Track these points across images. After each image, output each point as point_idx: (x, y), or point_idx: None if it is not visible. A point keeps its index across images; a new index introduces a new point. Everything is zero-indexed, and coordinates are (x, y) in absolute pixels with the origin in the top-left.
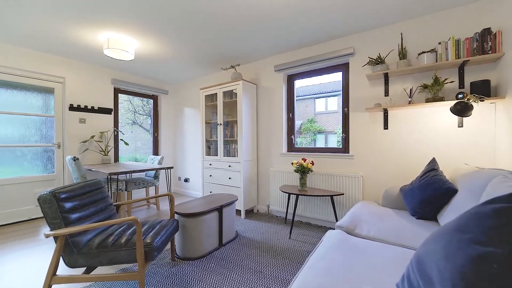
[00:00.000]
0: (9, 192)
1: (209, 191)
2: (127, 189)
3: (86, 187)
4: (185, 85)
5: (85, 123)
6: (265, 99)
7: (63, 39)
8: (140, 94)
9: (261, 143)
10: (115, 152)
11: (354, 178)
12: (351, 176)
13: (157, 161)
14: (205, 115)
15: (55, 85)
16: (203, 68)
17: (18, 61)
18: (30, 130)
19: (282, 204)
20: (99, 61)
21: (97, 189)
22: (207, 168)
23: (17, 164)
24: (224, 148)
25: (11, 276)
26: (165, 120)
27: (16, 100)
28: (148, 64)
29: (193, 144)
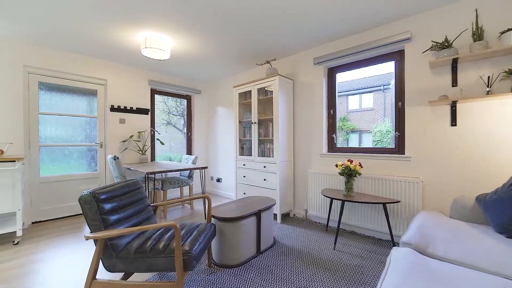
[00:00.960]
0: (58, 188)
1: (243, 192)
2: (163, 188)
3: (125, 188)
4: (218, 84)
5: (125, 123)
6: (303, 95)
7: (104, 41)
8: (174, 94)
9: (298, 142)
10: (152, 152)
11: (412, 183)
12: (408, 180)
13: (191, 160)
14: (239, 114)
15: (97, 87)
16: (236, 66)
17: (67, 66)
18: (76, 130)
19: (322, 209)
20: (137, 63)
21: (136, 189)
22: (241, 168)
23: (65, 162)
24: (259, 148)
25: (55, 275)
26: (198, 119)
27: (64, 102)
28: (182, 63)
29: (226, 144)
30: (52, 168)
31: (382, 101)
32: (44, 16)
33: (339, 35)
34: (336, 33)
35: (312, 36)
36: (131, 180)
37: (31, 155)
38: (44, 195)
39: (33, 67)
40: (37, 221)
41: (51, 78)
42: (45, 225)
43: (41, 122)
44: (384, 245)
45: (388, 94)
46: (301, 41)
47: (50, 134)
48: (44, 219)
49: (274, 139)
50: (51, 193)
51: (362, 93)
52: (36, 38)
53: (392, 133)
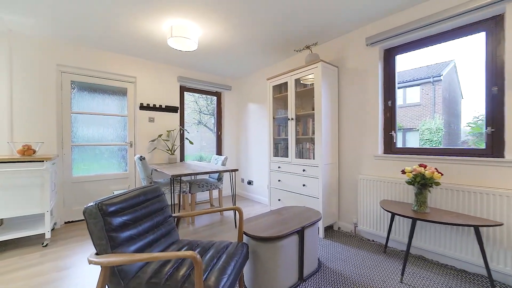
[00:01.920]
0: (89, 188)
1: (277, 198)
2: (191, 191)
3: (141, 196)
4: (249, 78)
5: (154, 122)
6: (351, 84)
7: (131, 33)
8: (204, 91)
9: (345, 142)
10: (181, 151)
11: None
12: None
13: (220, 161)
14: (272, 110)
15: (128, 85)
16: (270, 55)
17: (98, 64)
18: (107, 130)
19: (378, 224)
20: (165, 58)
21: (154, 197)
22: (275, 171)
23: (96, 161)
24: (296, 148)
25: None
26: (228, 117)
27: (96, 101)
28: (211, 56)
29: (258, 144)
30: (83, 167)
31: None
32: (73, 12)
33: (404, 4)
34: (397, 4)
35: (365, 9)
36: (150, 186)
37: (64, 154)
38: (76, 194)
39: (65, 66)
40: (70, 221)
41: (83, 76)
42: (76, 225)
43: (73, 121)
44: (474, 281)
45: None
46: (350, 17)
47: (81, 134)
48: (77, 219)
49: (315, 138)
50: (83, 193)
51: (407, 86)
52: (67, 36)
53: (442, 130)
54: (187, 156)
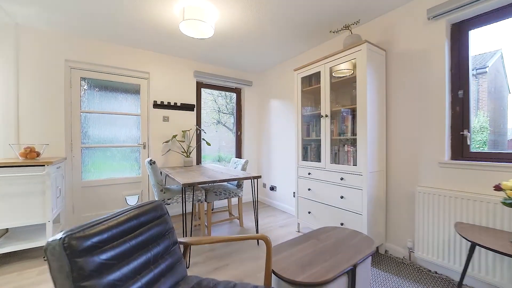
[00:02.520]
0: (100, 193)
1: (307, 211)
2: (207, 199)
3: (133, 220)
4: (272, 71)
5: (169, 121)
6: (404, 70)
7: (139, 21)
8: (222, 87)
9: (396, 143)
10: (198, 153)
11: None
12: None
13: (240, 165)
14: (301, 105)
15: (140, 81)
16: (298, 42)
17: (109, 59)
18: (119, 130)
19: (446, 253)
20: (180, 51)
21: (153, 219)
22: (304, 178)
23: (107, 164)
24: (331, 150)
25: None
26: (249, 116)
27: (107, 99)
28: (230, 46)
29: (282, 145)
30: (94, 171)
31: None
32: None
33: None
34: None
35: None
36: (148, 204)
37: (74, 157)
38: (87, 200)
39: (75, 62)
40: None
41: (93, 73)
42: None
43: (82, 121)
44: None
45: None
46: None
47: (92, 134)
48: None
49: (358, 139)
50: (93, 198)
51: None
52: (75, 28)
53: (487, 129)
54: (205, 156)
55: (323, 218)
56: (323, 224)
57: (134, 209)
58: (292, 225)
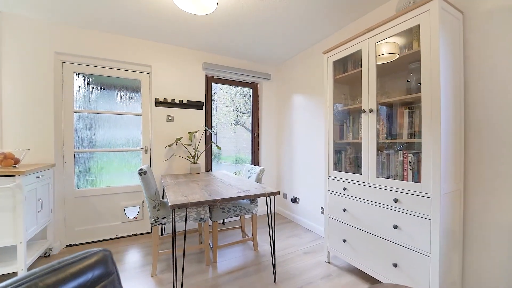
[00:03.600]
0: (95, 204)
1: (341, 238)
2: (212, 218)
3: None
4: (295, 60)
5: (173, 122)
6: (495, 42)
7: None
8: (237, 82)
9: (480, 150)
10: (207, 158)
11: None
12: None
13: (255, 175)
14: (333, 98)
15: (142, 76)
16: (328, 19)
17: (105, 50)
18: (116, 132)
19: None
20: (186, 39)
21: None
22: (338, 194)
23: (103, 171)
24: (378, 159)
25: None
26: (267, 114)
27: (103, 97)
28: (243, 30)
29: (307, 148)
30: (89, 179)
31: None
32: None
33: None
34: None
35: None
36: (81, 257)
37: (66, 163)
38: (81, 212)
39: (66, 54)
40: (72, 244)
41: (88, 67)
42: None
43: (75, 122)
44: None
45: None
46: None
47: (87, 137)
48: (80, 242)
49: (424, 144)
50: (88, 209)
51: None
52: (66, 16)
53: None
54: (224, 157)
55: (365, 251)
56: (365, 260)
57: (49, 273)
58: (320, 252)
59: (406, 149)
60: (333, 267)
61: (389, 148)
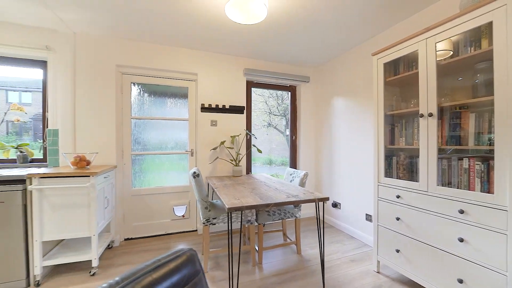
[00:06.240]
0: (149, 202)
1: (394, 248)
2: (258, 221)
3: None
4: (336, 62)
5: (217, 126)
6: None
7: (184, 14)
8: (275, 86)
9: None
10: (248, 161)
11: None
12: None
13: (298, 179)
14: (384, 101)
15: (188, 84)
16: (370, 23)
17: (158, 61)
18: (166, 136)
19: None
20: (229, 46)
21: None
22: (390, 202)
23: (155, 172)
24: (439, 166)
25: None
26: (306, 117)
27: (155, 104)
28: (285, 34)
29: (350, 152)
30: (143, 179)
31: None
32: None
33: None
34: None
35: None
36: (171, 258)
37: (124, 164)
38: (137, 209)
39: (125, 66)
40: (129, 238)
41: (143, 77)
42: (136, 244)
43: (133, 128)
44: None
45: None
46: None
47: (141, 141)
48: (136, 236)
49: (497, 150)
50: (143, 207)
51: None
52: (124, 32)
53: None
54: (255, 159)
55: (423, 263)
56: (423, 273)
57: (148, 272)
58: (367, 261)
59: (472, 156)
60: (383, 277)
61: (451, 155)
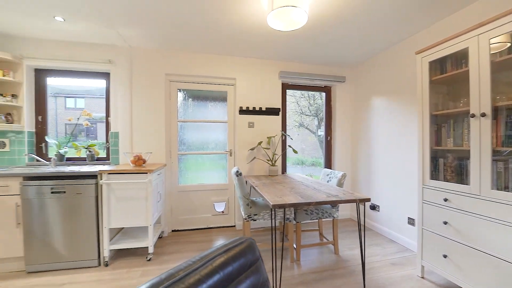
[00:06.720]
0: (192, 198)
1: (441, 253)
2: (296, 219)
3: (225, 267)
4: (374, 61)
5: (254, 127)
6: None
7: (224, 24)
8: (310, 87)
9: None
10: (283, 161)
11: None
12: None
13: (336, 179)
14: (429, 101)
15: (227, 88)
16: (410, 21)
17: (200, 69)
18: (207, 138)
19: None
20: (265, 51)
21: (246, 267)
22: (436, 205)
23: (197, 171)
24: (493, 169)
25: None
26: (341, 118)
27: (198, 108)
28: (322, 35)
29: (390, 153)
30: (187, 176)
31: None
32: (172, 18)
33: None
34: None
35: None
36: (237, 245)
37: (172, 163)
38: (182, 204)
39: (173, 75)
40: (176, 230)
41: (187, 84)
42: (182, 235)
43: (179, 130)
44: None
45: None
46: None
47: (186, 142)
48: (182, 228)
49: None
50: (187, 202)
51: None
52: (172, 44)
53: None
54: (287, 159)
55: (475, 271)
56: (475, 281)
57: (219, 255)
58: (410, 265)
59: None
60: (428, 283)
61: (508, 157)
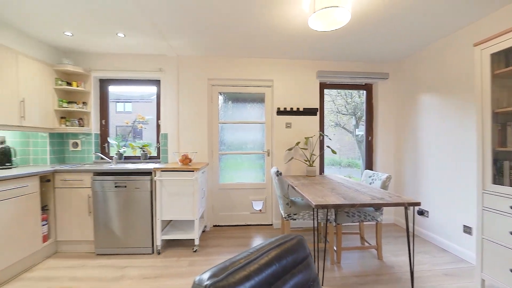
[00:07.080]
0: (231, 196)
1: (508, 268)
2: (337, 221)
3: (275, 263)
4: (421, 55)
5: (291, 128)
6: None
7: (264, 28)
8: (349, 85)
9: None
10: (321, 162)
11: None
12: None
13: (380, 181)
14: (491, 98)
15: (265, 90)
16: (464, 10)
17: (240, 72)
18: (246, 138)
19: None
20: (303, 52)
21: (297, 263)
22: (500, 213)
23: (237, 170)
24: None
25: None
26: (384, 117)
27: (237, 110)
28: (364, 32)
29: (440, 154)
30: (227, 175)
31: None
32: (218, 25)
33: None
34: None
35: None
36: (287, 241)
37: (213, 162)
38: (222, 201)
39: (214, 79)
40: (217, 225)
41: (227, 87)
42: (222, 230)
43: (220, 131)
44: None
45: None
46: None
47: (226, 142)
48: (222, 224)
49: None
50: (227, 199)
51: None
52: (213, 50)
53: None
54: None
55: None
56: None
57: (273, 248)
58: (467, 278)
59: None
60: None
61: None
